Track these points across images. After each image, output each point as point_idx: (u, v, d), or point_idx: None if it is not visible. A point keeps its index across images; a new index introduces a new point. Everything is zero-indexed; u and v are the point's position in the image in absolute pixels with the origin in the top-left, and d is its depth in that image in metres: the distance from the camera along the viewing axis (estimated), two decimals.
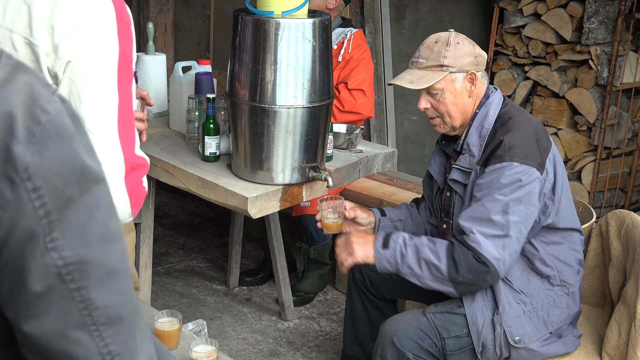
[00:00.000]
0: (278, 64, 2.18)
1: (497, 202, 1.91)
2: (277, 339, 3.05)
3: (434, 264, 1.95)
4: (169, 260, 3.76)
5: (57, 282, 0.68)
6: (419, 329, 2.01)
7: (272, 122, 2.23)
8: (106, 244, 0.71)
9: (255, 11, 2.20)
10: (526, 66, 4.07)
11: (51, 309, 0.68)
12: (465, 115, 2.08)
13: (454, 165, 2.09)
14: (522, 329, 2.00)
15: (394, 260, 2.00)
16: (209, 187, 2.36)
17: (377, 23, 4.11)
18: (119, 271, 0.72)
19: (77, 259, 0.68)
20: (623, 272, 2.17)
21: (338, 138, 2.73)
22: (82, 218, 0.68)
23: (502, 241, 1.92)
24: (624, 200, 4.13)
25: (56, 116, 0.66)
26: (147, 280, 2.77)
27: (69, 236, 0.67)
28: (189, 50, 4.69)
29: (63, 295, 0.68)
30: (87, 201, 0.68)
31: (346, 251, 2.07)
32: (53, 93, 0.68)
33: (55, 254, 0.67)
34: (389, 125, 4.21)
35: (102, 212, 0.70)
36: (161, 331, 1.71)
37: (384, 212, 2.32)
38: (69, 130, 0.67)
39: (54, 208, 0.66)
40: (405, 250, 1.99)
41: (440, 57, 2.02)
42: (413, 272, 1.98)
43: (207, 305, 3.31)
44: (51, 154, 0.65)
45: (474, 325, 2.01)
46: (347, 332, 2.44)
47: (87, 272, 0.69)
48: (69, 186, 0.67)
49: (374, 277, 2.35)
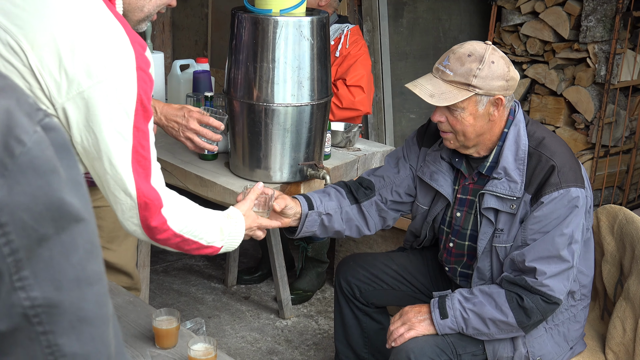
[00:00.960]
0: (276, 62, 2.17)
1: (564, 236, 1.84)
2: (275, 337, 3.05)
3: (501, 321, 1.90)
4: (167, 259, 3.76)
5: (23, 323, 0.63)
6: (435, 346, 1.95)
7: (270, 120, 2.23)
8: (81, 287, 0.66)
9: (253, 9, 2.20)
10: (524, 64, 4.07)
11: (16, 350, 0.64)
12: (481, 138, 1.94)
13: (487, 192, 1.93)
14: (544, 349, 1.98)
15: (457, 327, 1.94)
16: (207, 185, 2.36)
17: (375, 21, 4.11)
18: (93, 318, 0.67)
19: (46, 301, 0.63)
20: (618, 268, 2.18)
21: (336, 136, 2.73)
22: (56, 258, 0.63)
23: (567, 273, 1.88)
24: (622, 198, 4.13)
25: (32, 148, 0.61)
26: (145, 279, 2.77)
27: (40, 276, 0.63)
28: (187, 48, 4.69)
29: (30, 338, 0.64)
30: (63, 240, 0.64)
31: (404, 325, 1.98)
32: (37, 122, 0.63)
33: (23, 293, 0.62)
34: (386, 123, 4.21)
35: (79, 254, 0.65)
36: (159, 329, 1.71)
37: (311, 203, 2.09)
38: (47, 163, 0.62)
39: (22, 246, 0.61)
40: (467, 314, 1.92)
41: (469, 75, 1.84)
42: (480, 332, 1.93)
43: (205, 303, 3.32)
44: (22, 190, 0.60)
45: (491, 344, 1.97)
46: (339, 338, 2.37)
47: (57, 316, 0.64)
48: (42, 224, 0.62)
49: (362, 287, 2.27)
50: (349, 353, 2.36)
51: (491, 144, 1.97)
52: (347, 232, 2.18)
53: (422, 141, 2.18)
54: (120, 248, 2.40)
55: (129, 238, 2.45)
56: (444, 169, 2.07)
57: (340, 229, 2.15)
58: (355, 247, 3.30)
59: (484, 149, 1.99)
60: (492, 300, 1.91)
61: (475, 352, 1.99)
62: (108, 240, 2.37)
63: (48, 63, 1.30)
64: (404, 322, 1.98)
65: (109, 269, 2.41)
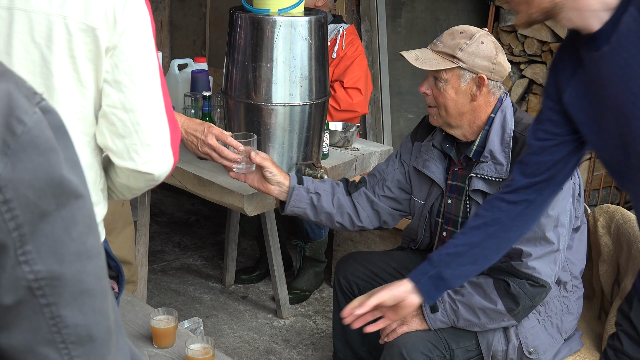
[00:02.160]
0: (274, 62, 2.18)
1: (549, 217, 1.85)
2: (273, 337, 3.05)
3: (491, 309, 1.91)
4: (165, 258, 3.76)
5: (27, 295, 0.66)
6: (428, 341, 1.96)
7: (268, 120, 2.24)
8: (82, 261, 0.68)
9: (251, 9, 2.20)
10: (522, 64, 4.08)
11: (21, 322, 0.67)
12: (464, 118, 1.99)
13: (475, 175, 1.98)
14: (538, 340, 1.98)
15: (449, 320, 1.96)
16: (205, 185, 2.36)
17: (373, 21, 4.12)
18: (93, 290, 0.70)
19: (49, 274, 0.66)
20: (615, 267, 2.19)
21: (334, 136, 2.73)
22: (58, 233, 0.66)
23: (553, 256, 1.89)
24: (619, 198, 4.14)
25: (33, 128, 0.64)
26: (143, 278, 2.77)
27: (43, 250, 0.65)
28: (185, 48, 4.69)
29: (34, 310, 0.66)
30: (64, 216, 0.66)
31: (398, 319, 1.89)
32: (36, 104, 0.65)
33: (27, 267, 0.65)
34: (384, 123, 4.22)
35: (79, 228, 0.68)
36: (157, 329, 1.72)
37: (302, 180, 2.15)
38: (47, 142, 0.65)
39: (26, 221, 0.64)
40: (456, 306, 1.94)
41: (456, 48, 1.93)
42: (471, 323, 1.95)
43: (203, 303, 3.32)
44: (25, 167, 0.63)
45: (484, 337, 1.98)
46: (337, 336, 2.38)
47: (59, 289, 0.67)
48: (44, 200, 0.65)
49: (361, 284, 2.29)
50: (347, 351, 2.37)
51: (477, 129, 2.02)
52: (338, 218, 2.20)
53: (416, 136, 2.23)
54: (118, 239, 2.40)
55: (127, 229, 2.45)
56: (436, 156, 2.13)
57: (330, 211, 2.17)
58: (354, 246, 3.30)
59: (470, 132, 2.03)
60: (481, 289, 1.92)
61: (469, 347, 1.99)
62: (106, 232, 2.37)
63: (90, 8, 1.34)
64: (397, 314, 1.94)
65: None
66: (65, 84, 1.33)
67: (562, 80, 1.40)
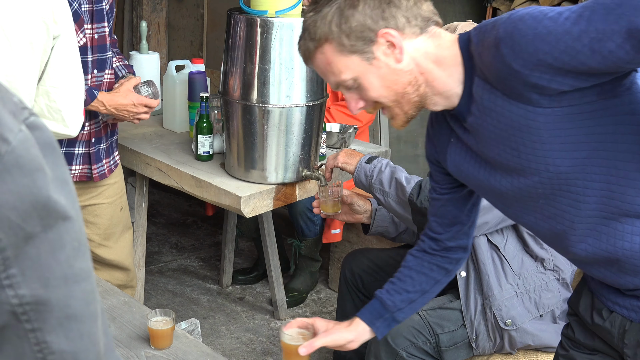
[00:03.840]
0: (271, 63, 2.18)
1: None
2: (270, 338, 3.05)
3: (401, 185, 2.03)
4: (162, 260, 3.76)
5: (11, 320, 0.63)
6: (412, 327, 2.02)
7: (266, 121, 2.24)
8: (69, 285, 0.66)
9: (249, 10, 2.20)
10: None
11: (5, 347, 0.65)
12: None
13: None
14: (514, 310, 2.01)
15: (370, 174, 2.10)
16: (202, 186, 2.36)
17: None
18: (81, 315, 0.68)
19: (34, 298, 0.63)
20: None
21: (331, 137, 2.73)
22: (44, 256, 0.63)
23: None
24: None
25: (17, 147, 0.61)
26: (140, 279, 2.77)
27: (28, 274, 0.63)
28: (183, 49, 4.69)
29: (18, 335, 0.64)
30: (50, 238, 0.64)
31: (333, 157, 2.22)
32: (22, 120, 0.62)
33: (11, 291, 0.62)
34: (382, 124, 4.22)
35: (67, 251, 0.65)
36: (154, 330, 1.71)
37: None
38: (33, 162, 0.62)
39: (10, 244, 0.61)
40: (384, 169, 2.09)
41: None
42: (382, 188, 2.07)
43: (200, 304, 3.31)
44: (8, 188, 0.60)
45: (468, 312, 2.03)
46: None
47: (45, 314, 0.65)
48: (29, 222, 0.62)
49: (365, 278, 2.35)
50: None
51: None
52: None
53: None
54: (117, 245, 2.40)
55: (125, 235, 2.45)
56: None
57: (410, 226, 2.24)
58: (350, 247, 3.30)
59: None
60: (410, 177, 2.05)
61: (454, 330, 2.03)
62: (104, 237, 2.36)
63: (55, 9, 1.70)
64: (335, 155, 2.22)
65: (106, 265, 2.41)
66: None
67: (440, 150, 1.49)
